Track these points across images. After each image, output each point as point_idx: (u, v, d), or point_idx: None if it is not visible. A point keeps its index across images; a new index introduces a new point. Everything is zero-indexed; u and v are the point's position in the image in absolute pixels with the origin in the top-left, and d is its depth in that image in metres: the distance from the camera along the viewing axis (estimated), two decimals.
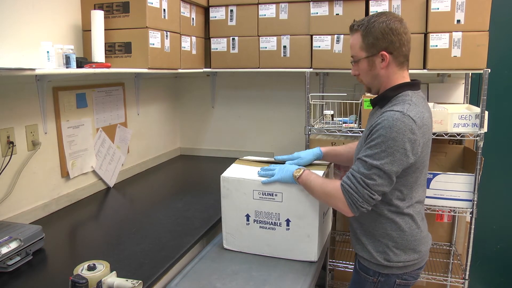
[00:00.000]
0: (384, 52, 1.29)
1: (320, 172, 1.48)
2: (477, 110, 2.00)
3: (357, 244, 1.42)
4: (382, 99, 1.34)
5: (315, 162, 1.63)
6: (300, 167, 1.44)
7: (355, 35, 1.34)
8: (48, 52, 1.59)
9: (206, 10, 2.58)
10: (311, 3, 2.29)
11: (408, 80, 1.34)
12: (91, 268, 1.19)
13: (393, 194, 1.30)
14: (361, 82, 1.41)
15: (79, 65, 1.74)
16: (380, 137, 1.20)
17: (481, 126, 1.97)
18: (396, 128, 1.18)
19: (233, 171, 1.57)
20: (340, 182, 1.29)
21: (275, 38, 2.40)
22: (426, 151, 1.29)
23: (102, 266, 1.21)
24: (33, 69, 1.42)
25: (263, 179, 1.47)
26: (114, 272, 1.19)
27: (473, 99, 2.51)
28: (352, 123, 2.26)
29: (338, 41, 2.26)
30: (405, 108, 1.21)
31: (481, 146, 1.98)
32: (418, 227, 1.34)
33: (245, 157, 1.73)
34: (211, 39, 2.55)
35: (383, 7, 2.16)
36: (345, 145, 1.66)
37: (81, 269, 1.19)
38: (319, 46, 2.30)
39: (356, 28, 1.34)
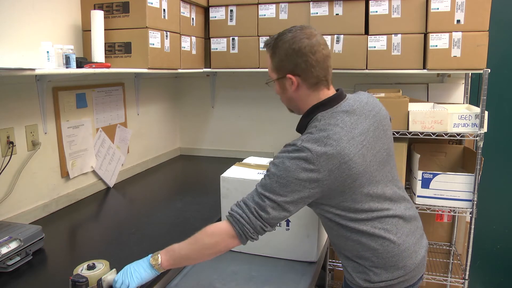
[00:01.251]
0: (290, 76, 1.18)
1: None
2: (477, 110, 2.01)
3: (342, 263, 1.32)
4: (301, 128, 1.25)
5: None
6: (153, 254, 1.20)
7: (267, 55, 1.25)
8: (48, 52, 1.59)
9: (206, 10, 2.58)
10: (311, 3, 2.29)
11: (323, 100, 1.21)
12: (91, 268, 1.19)
13: (344, 216, 1.18)
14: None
15: (79, 65, 1.74)
16: (273, 167, 1.13)
17: (481, 126, 1.97)
18: (287, 163, 1.09)
19: (233, 172, 1.57)
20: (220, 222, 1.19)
21: None
22: (345, 174, 1.11)
23: (101, 265, 1.21)
24: (33, 69, 1.42)
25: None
26: (114, 269, 1.18)
27: (473, 99, 2.51)
28: None
29: (338, 41, 2.26)
30: (302, 140, 1.11)
31: (481, 146, 1.98)
32: (392, 242, 1.19)
33: (244, 161, 1.73)
34: (211, 39, 2.55)
35: (383, 7, 2.16)
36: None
37: (81, 269, 1.19)
38: None
39: (266, 49, 1.25)
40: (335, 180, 1.10)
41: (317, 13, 2.29)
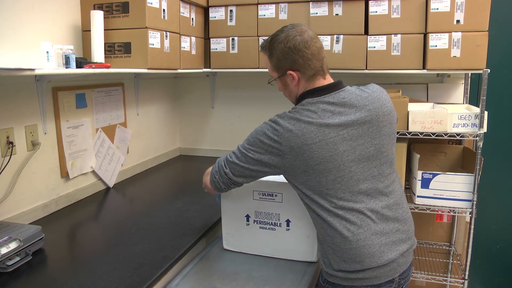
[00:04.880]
0: (290, 72, 1.28)
1: None
2: (477, 110, 2.01)
3: None
4: None
5: None
6: None
7: (265, 57, 1.36)
8: (47, 52, 1.59)
9: (205, 10, 2.58)
10: (310, 3, 2.29)
11: (314, 87, 1.29)
12: None
13: (311, 198, 1.24)
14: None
15: (78, 65, 1.74)
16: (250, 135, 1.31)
17: (481, 126, 1.97)
18: (258, 128, 1.29)
19: None
20: None
21: None
22: (311, 150, 1.18)
23: None
24: (33, 69, 1.42)
25: (265, 179, 1.47)
26: None
27: (473, 99, 2.51)
28: None
29: (337, 41, 2.26)
30: (280, 114, 1.26)
31: (481, 146, 1.98)
32: (344, 237, 1.20)
33: None
34: (211, 39, 2.55)
35: (382, 7, 2.16)
36: None
37: None
38: None
39: (262, 51, 1.36)
40: (296, 157, 1.20)
41: (316, 13, 2.29)
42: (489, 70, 1.98)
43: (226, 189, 1.40)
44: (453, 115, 1.99)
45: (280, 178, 1.48)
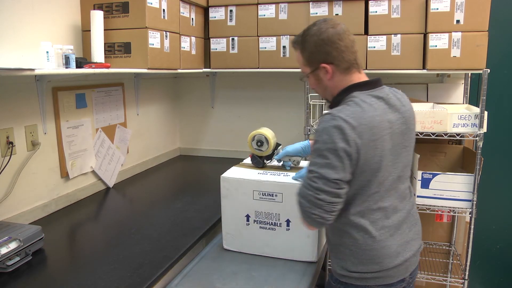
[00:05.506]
0: (323, 65, 1.24)
1: None
2: (477, 110, 2.01)
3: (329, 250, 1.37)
4: (332, 107, 1.27)
5: None
6: None
7: (297, 52, 1.32)
8: (47, 52, 1.59)
9: (205, 10, 2.58)
10: (310, 3, 2.29)
11: (356, 82, 1.26)
12: None
13: (357, 189, 1.20)
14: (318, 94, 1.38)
15: (78, 65, 1.74)
16: (315, 142, 1.17)
17: (481, 126, 1.97)
18: (326, 130, 1.13)
19: (233, 172, 1.57)
20: None
21: (274, 38, 2.40)
22: (371, 152, 1.14)
23: None
24: (33, 69, 1.42)
25: (265, 179, 1.48)
26: None
27: (473, 99, 2.51)
28: None
29: None
30: (337, 110, 1.16)
31: (481, 146, 1.98)
32: (371, 236, 1.20)
33: (244, 161, 1.73)
34: (211, 39, 2.55)
35: (382, 7, 2.16)
36: None
37: None
38: None
39: (295, 46, 1.32)
40: (365, 156, 1.13)
41: (316, 13, 2.29)
42: (489, 70, 1.98)
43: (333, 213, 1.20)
44: (453, 115, 1.99)
45: (280, 178, 1.48)
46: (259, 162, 1.63)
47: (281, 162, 1.64)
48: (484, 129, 1.98)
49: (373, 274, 1.22)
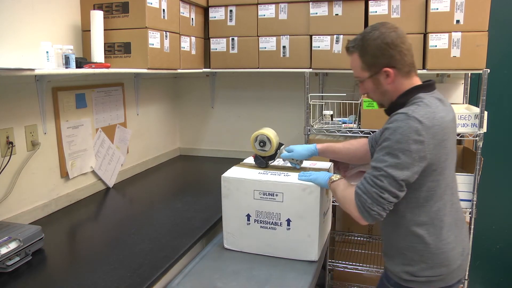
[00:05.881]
0: (386, 69, 1.24)
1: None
2: (477, 110, 2.01)
3: (385, 255, 1.36)
4: (394, 108, 1.26)
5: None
6: (337, 175, 1.39)
7: (353, 57, 1.30)
8: (47, 52, 1.59)
9: (205, 10, 2.58)
10: (310, 3, 2.29)
11: (418, 84, 1.28)
12: None
13: (412, 199, 1.21)
14: (372, 99, 1.37)
15: (78, 65, 1.74)
16: (386, 140, 1.16)
17: (481, 126, 1.97)
18: (400, 130, 1.13)
19: (233, 172, 1.57)
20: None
21: (274, 38, 2.40)
22: (442, 152, 1.18)
23: None
24: (33, 69, 1.42)
25: (265, 178, 1.48)
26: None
27: (473, 99, 2.51)
28: (351, 123, 2.26)
29: (337, 41, 2.26)
30: (411, 110, 1.16)
31: (481, 146, 1.98)
32: (441, 240, 1.23)
33: (244, 161, 1.73)
34: (211, 39, 2.55)
35: (382, 7, 2.16)
36: (343, 142, 1.61)
37: None
38: (319, 46, 2.30)
39: (352, 50, 1.30)
40: (435, 156, 1.16)
41: (316, 13, 2.29)
42: (489, 70, 1.98)
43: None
44: None
45: (281, 178, 1.48)
46: (262, 163, 1.63)
47: (287, 162, 1.66)
48: (484, 129, 1.98)
49: (439, 277, 1.24)
